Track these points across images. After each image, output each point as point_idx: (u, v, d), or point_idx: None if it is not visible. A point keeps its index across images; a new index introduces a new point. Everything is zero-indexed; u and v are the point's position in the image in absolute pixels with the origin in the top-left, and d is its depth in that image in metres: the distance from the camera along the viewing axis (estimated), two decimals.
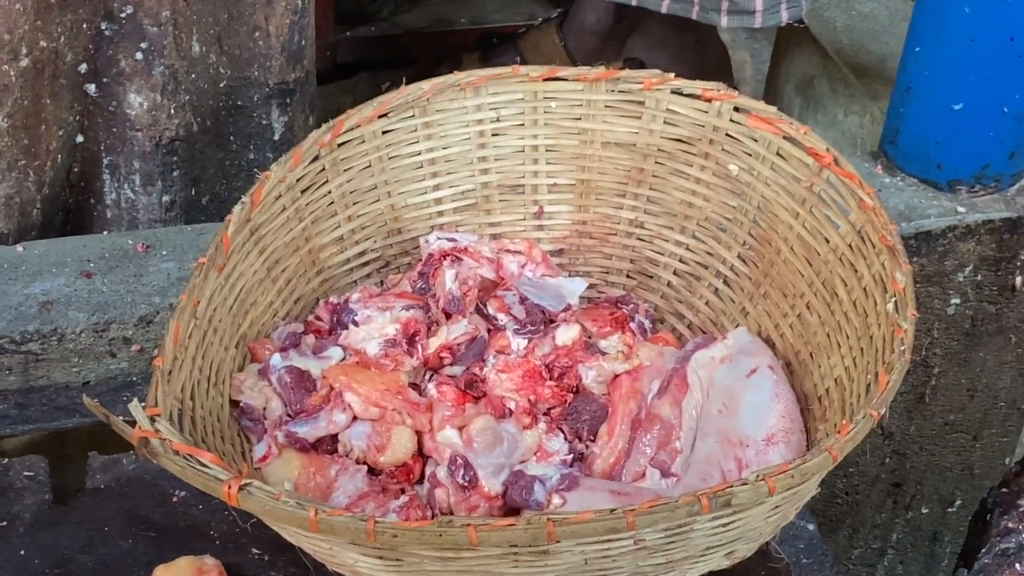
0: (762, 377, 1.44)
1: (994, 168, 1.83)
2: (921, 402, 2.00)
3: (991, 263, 1.87)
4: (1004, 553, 1.33)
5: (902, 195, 1.86)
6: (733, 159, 1.59)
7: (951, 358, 1.95)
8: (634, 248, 1.67)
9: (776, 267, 1.55)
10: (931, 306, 1.89)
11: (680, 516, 1.17)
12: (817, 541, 1.47)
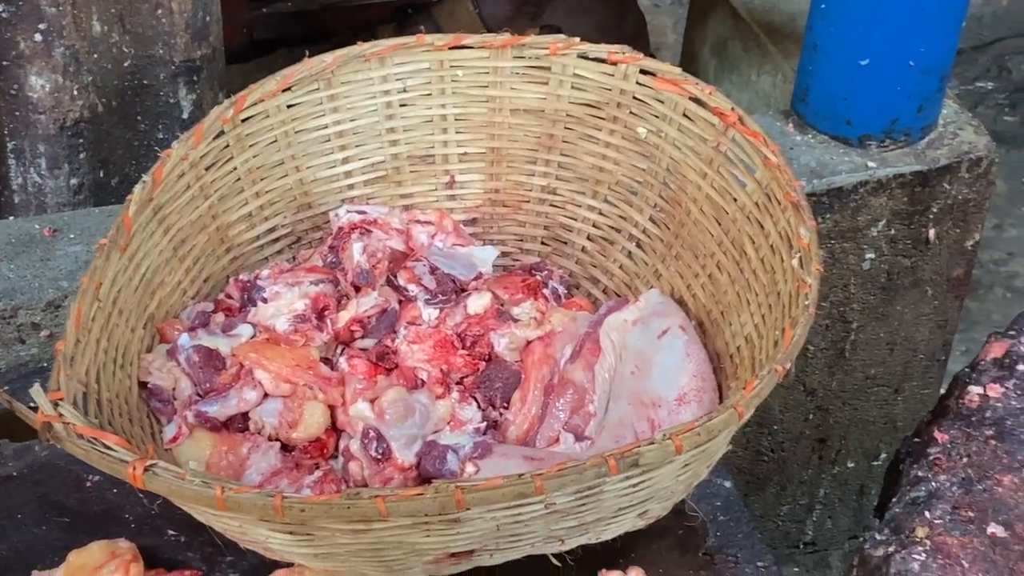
0: (673, 338, 1.44)
1: (903, 122, 1.84)
2: (841, 357, 2.01)
3: (904, 217, 1.88)
4: (914, 502, 1.35)
5: (813, 152, 1.87)
6: (641, 122, 1.59)
7: (869, 313, 1.97)
8: (547, 215, 1.67)
9: (687, 228, 1.56)
10: (846, 262, 1.91)
11: (589, 478, 1.17)
12: (734, 498, 1.47)
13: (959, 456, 1.37)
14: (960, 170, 1.86)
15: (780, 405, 2.04)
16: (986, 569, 1.26)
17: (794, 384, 2.02)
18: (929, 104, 1.84)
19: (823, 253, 1.89)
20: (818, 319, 1.96)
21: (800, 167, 1.84)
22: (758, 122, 1.53)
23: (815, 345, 1.99)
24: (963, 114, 1.93)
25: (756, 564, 1.41)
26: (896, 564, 1.28)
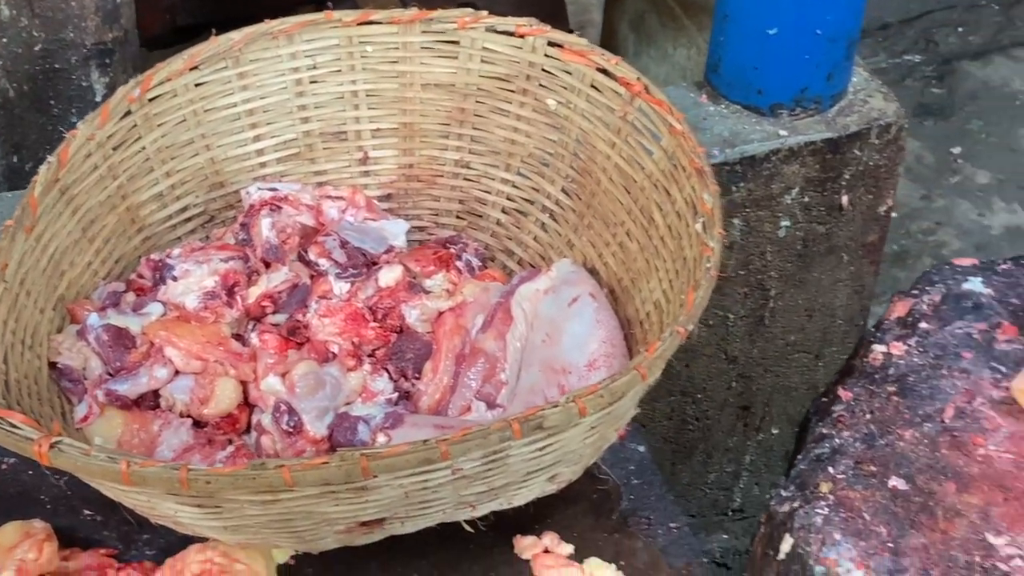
0: (583, 305, 1.46)
1: (813, 90, 1.87)
2: (761, 325, 2.04)
3: (816, 184, 1.91)
4: (819, 458, 1.37)
5: (726, 122, 1.89)
6: (551, 94, 1.61)
7: (786, 280, 2.00)
8: (462, 188, 1.68)
9: (597, 198, 1.57)
10: (762, 230, 1.93)
11: (493, 442, 1.19)
12: (648, 462, 1.49)
13: (862, 413, 1.40)
14: (870, 136, 1.89)
15: (703, 374, 2.07)
16: (887, 521, 1.29)
17: (715, 353, 2.05)
18: (838, 72, 1.87)
19: (739, 222, 1.92)
20: (736, 287, 1.99)
21: (713, 137, 1.86)
22: (668, 93, 1.55)
23: (735, 313, 2.02)
24: (873, 81, 1.96)
25: (668, 525, 1.43)
26: (800, 519, 1.30)
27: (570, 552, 1.40)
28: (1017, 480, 1.32)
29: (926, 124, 3.76)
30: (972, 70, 3.92)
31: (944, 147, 3.68)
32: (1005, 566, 1.25)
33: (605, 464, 1.48)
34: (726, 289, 1.98)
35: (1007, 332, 1.45)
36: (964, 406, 1.38)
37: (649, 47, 2.24)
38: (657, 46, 2.21)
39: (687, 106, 1.90)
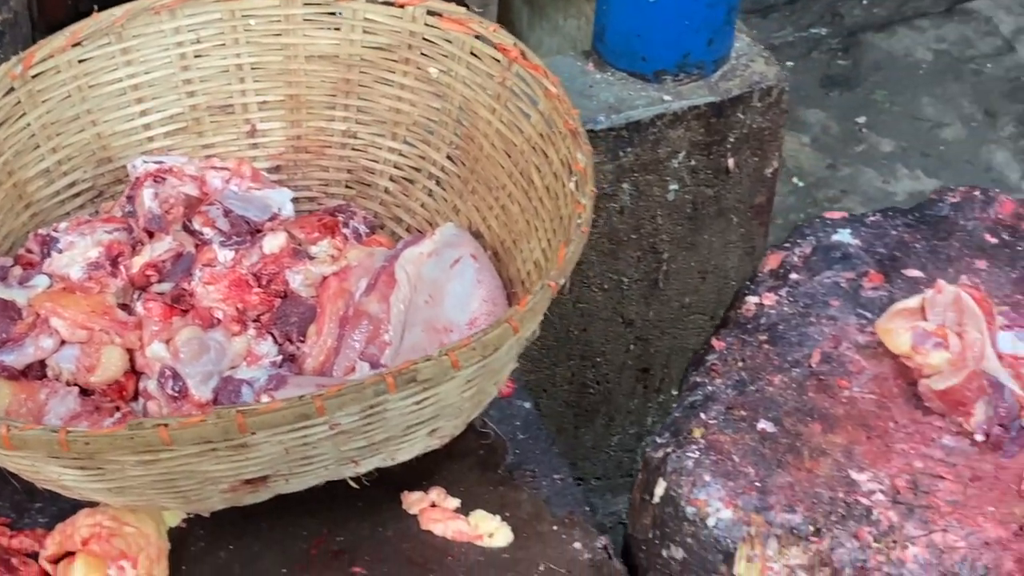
0: (464, 266, 1.50)
1: (695, 56, 1.92)
2: (656, 288, 2.09)
3: (702, 147, 1.96)
4: (692, 405, 1.42)
5: (612, 89, 1.93)
6: (432, 62, 1.64)
7: (678, 243, 2.05)
8: (349, 158, 1.71)
9: (480, 163, 1.61)
10: (651, 194, 1.98)
11: (368, 397, 1.22)
12: (534, 418, 1.53)
13: (735, 361, 1.44)
14: (752, 100, 1.94)
15: (600, 338, 2.11)
16: (755, 462, 1.34)
17: (612, 316, 2.09)
18: (719, 37, 1.92)
19: (628, 186, 1.96)
20: (629, 251, 2.03)
21: (599, 104, 1.90)
22: (555, 63, 1.59)
23: (629, 277, 2.06)
24: (755, 47, 2.01)
25: (552, 477, 1.47)
26: (672, 463, 1.35)
27: (456, 505, 1.44)
28: (879, 419, 1.37)
29: (832, 95, 3.83)
30: (876, 41, 4.00)
31: (849, 117, 3.75)
32: (867, 500, 1.30)
33: (492, 420, 1.52)
34: (619, 253, 2.02)
35: (873, 280, 1.50)
36: (830, 351, 1.43)
37: (542, 20, 2.28)
38: (548, 18, 2.25)
39: (574, 74, 1.94)
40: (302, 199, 1.69)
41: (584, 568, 1.38)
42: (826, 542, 1.27)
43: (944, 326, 1.38)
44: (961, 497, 1.31)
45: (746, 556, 1.29)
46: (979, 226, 1.57)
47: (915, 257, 1.53)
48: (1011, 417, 1.33)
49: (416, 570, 1.39)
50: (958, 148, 3.68)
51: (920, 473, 1.32)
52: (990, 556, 1.26)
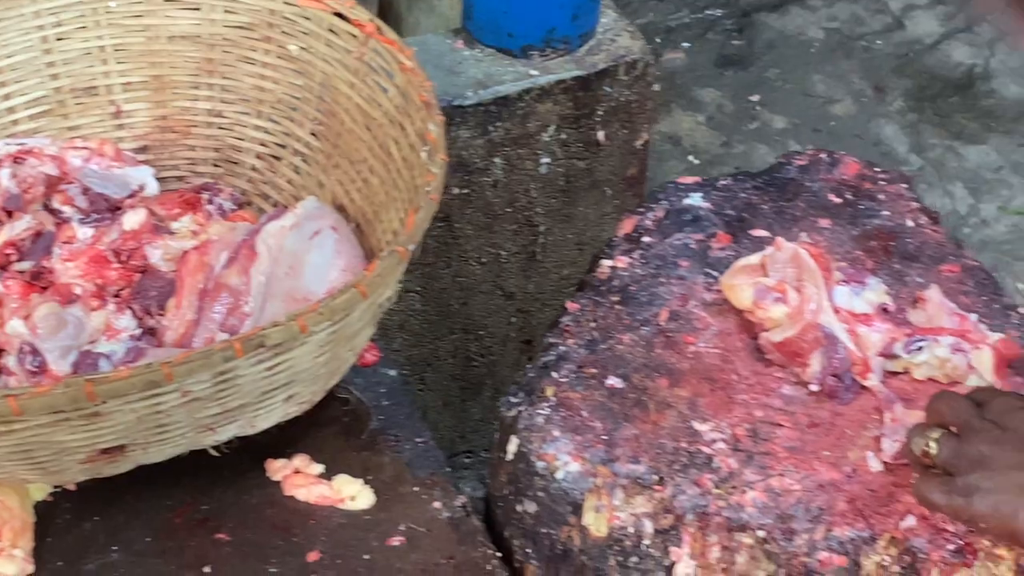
0: (324, 237, 1.53)
1: (560, 31, 1.96)
2: (534, 260, 2.13)
3: (572, 121, 2.00)
4: (545, 366, 1.46)
5: (480, 65, 1.97)
6: (292, 40, 1.66)
7: (553, 215, 2.09)
8: (216, 137, 1.73)
9: (343, 138, 1.64)
10: (523, 167, 2.02)
11: (217, 362, 1.25)
12: (398, 385, 1.57)
13: (587, 321, 1.49)
14: (619, 73, 1.99)
15: (481, 311, 2.15)
16: (603, 417, 1.38)
17: (492, 289, 2.13)
18: (583, 12, 1.96)
19: (500, 160, 2.00)
20: (505, 224, 2.08)
21: (467, 80, 1.94)
22: (426, 41, 1.62)
23: (507, 250, 2.10)
24: (621, 21, 2.06)
25: (415, 441, 1.51)
26: (524, 420, 1.39)
27: (320, 471, 1.47)
28: (723, 372, 1.42)
29: (726, 74, 3.90)
30: (770, 21, 4.07)
31: (743, 95, 3.82)
32: (708, 449, 1.35)
33: (357, 388, 1.56)
34: (495, 227, 2.07)
35: (721, 240, 1.55)
36: (678, 309, 1.48)
37: (419, 1, 2.31)
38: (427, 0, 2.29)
39: (443, 51, 1.98)
40: (170, 179, 1.71)
41: (443, 526, 1.42)
42: (669, 490, 1.32)
43: (784, 282, 1.43)
44: (798, 443, 1.36)
45: (593, 507, 1.34)
46: (824, 187, 1.63)
47: (762, 218, 1.58)
48: (843, 368, 1.38)
49: (279, 534, 1.42)
50: (848, 123, 3.77)
51: (760, 422, 1.38)
52: (824, 497, 1.31)
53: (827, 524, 1.30)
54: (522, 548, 1.41)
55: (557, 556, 1.38)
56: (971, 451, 1.17)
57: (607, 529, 1.34)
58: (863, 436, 1.37)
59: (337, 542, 1.41)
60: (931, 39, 4.03)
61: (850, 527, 1.30)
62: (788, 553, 1.30)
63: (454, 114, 1.91)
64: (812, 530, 1.30)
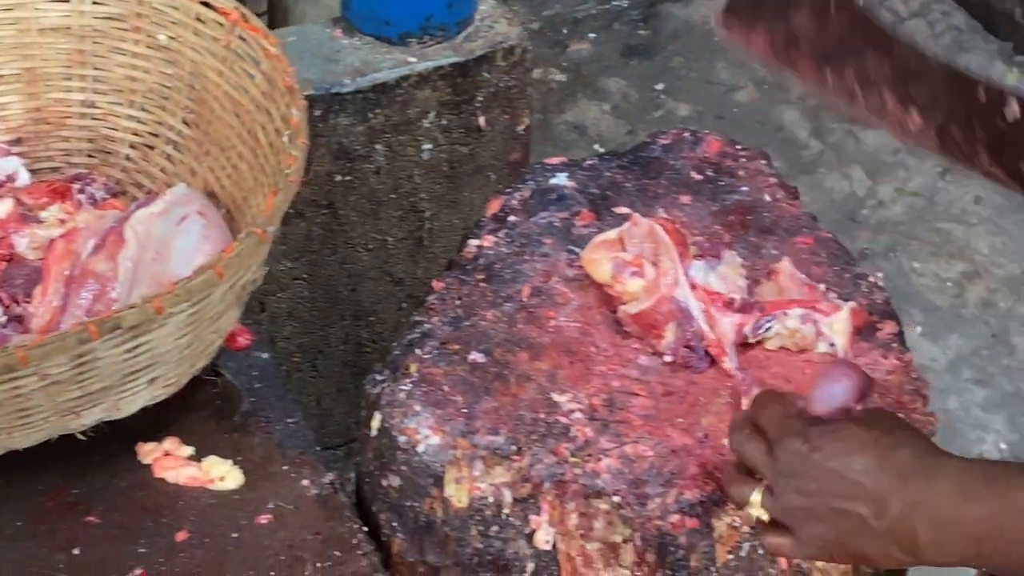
0: (191, 223, 1.55)
1: (437, 19, 1.99)
2: (421, 246, 2.16)
3: (452, 107, 2.03)
4: (410, 343, 1.48)
5: (358, 53, 2.00)
6: (161, 30, 1.68)
7: (438, 201, 2.12)
8: (90, 128, 1.74)
9: (213, 125, 1.66)
10: (406, 154, 2.05)
11: (72, 345, 1.27)
12: (271, 367, 1.59)
13: (452, 299, 1.52)
14: (496, 59, 2.02)
15: (371, 297, 2.18)
16: (464, 391, 1.41)
17: (380, 276, 2.16)
18: (458, 1, 1.99)
19: (381, 147, 2.03)
20: (390, 211, 2.10)
21: (346, 68, 1.97)
22: (305, 31, 1.64)
23: (393, 236, 2.13)
24: (499, 8, 2.09)
25: (286, 421, 1.53)
26: (387, 396, 1.42)
27: (190, 453, 1.49)
28: (582, 345, 1.46)
29: (632, 64, 3.95)
30: (675, 11, 4.13)
31: (648, 84, 3.88)
32: (566, 419, 1.38)
33: (229, 372, 1.58)
34: (381, 213, 2.09)
35: (585, 218, 1.59)
36: (541, 285, 1.51)
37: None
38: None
39: (322, 40, 2.00)
40: (45, 170, 1.72)
41: (311, 503, 1.45)
42: (527, 459, 1.36)
43: (641, 256, 1.47)
44: (653, 411, 1.40)
45: (454, 478, 1.37)
46: (687, 165, 1.67)
47: (625, 196, 1.62)
48: (696, 340, 1.42)
49: (148, 516, 1.43)
50: (751, 109, 3.83)
51: (616, 392, 1.41)
52: (676, 462, 1.35)
53: (679, 488, 1.34)
54: (388, 522, 1.44)
55: (421, 528, 1.41)
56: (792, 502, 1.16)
57: (468, 500, 1.37)
58: (716, 403, 1.41)
59: (206, 521, 1.43)
60: None
61: (700, 490, 1.34)
62: (642, 517, 1.34)
63: (333, 101, 1.94)
64: (664, 494, 1.34)
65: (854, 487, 1.11)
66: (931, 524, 1.08)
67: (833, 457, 1.12)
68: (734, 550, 1.35)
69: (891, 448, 1.11)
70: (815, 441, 1.13)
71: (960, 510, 1.07)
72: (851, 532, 1.12)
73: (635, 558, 1.35)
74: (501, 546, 1.38)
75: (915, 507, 1.09)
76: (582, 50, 4.02)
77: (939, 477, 1.09)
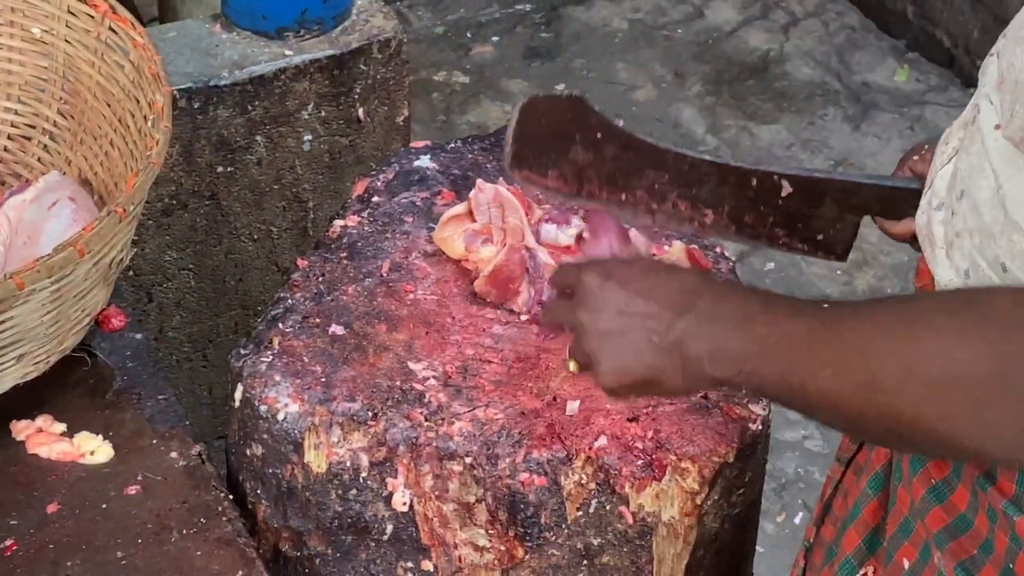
0: (62, 207, 1.60)
1: (313, 13, 2.05)
2: (306, 235, 2.22)
3: (330, 99, 2.09)
4: (274, 318, 1.54)
5: (237, 47, 2.05)
6: (35, 23, 1.73)
7: (321, 191, 2.18)
8: None
9: (87, 115, 1.71)
10: (286, 145, 2.10)
11: None
12: (144, 347, 1.63)
13: (316, 276, 1.57)
14: (372, 52, 2.09)
15: (258, 287, 2.23)
16: (324, 361, 1.47)
17: (267, 266, 2.21)
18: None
19: (262, 139, 2.08)
20: (274, 201, 2.16)
21: (223, 61, 2.02)
22: (185, 27, 1.69)
23: (278, 226, 2.18)
24: (376, 3, 2.15)
25: (157, 398, 1.58)
26: (248, 368, 1.47)
27: (63, 430, 1.53)
28: (438, 316, 1.52)
29: (534, 65, 4.03)
30: (576, 14, 4.22)
31: (550, 85, 3.95)
32: (420, 386, 1.45)
33: (103, 352, 1.62)
34: (264, 204, 2.15)
35: (446, 197, 1.66)
36: (400, 261, 1.58)
37: None
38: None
39: (202, 36, 2.05)
40: None
41: (178, 473, 1.50)
42: (382, 424, 1.42)
43: (490, 225, 1.54)
44: (504, 377, 1.47)
45: (313, 444, 1.43)
46: None
47: (485, 176, 1.68)
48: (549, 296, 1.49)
49: (21, 489, 1.48)
50: (649, 107, 3.92)
51: (471, 359, 1.48)
52: (525, 424, 1.42)
53: (527, 448, 1.41)
54: (253, 490, 1.49)
55: (284, 494, 1.46)
56: (592, 333, 1.21)
57: (327, 465, 1.43)
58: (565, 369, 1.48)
59: (76, 494, 1.47)
60: (729, 27, 4.22)
61: (548, 449, 1.41)
62: (493, 476, 1.40)
63: (212, 94, 1.99)
64: (514, 454, 1.40)
65: (642, 308, 1.16)
66: (709, 338, 1.13)
67: (628, 283, 1.18)
68: (583, 506, 1.42)
69: (679, 273, 1.18)
70: (609, 272, 1.20)
71: (737, 329, 1.11)
72: (637, 352, 1.16)
73: (488, 517, 1.42)
74: (360, 509, 1.44)
75: (699, 323, 1.13)
76: (485, 53, 4.10)
77: (726, 298, 1.14)
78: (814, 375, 1.07)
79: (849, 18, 4.18)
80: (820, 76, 3.95)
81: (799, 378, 1.08)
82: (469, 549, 1.44)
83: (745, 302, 1.13)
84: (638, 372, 1.18)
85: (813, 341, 1.07)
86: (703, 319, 1.13)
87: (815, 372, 1.07)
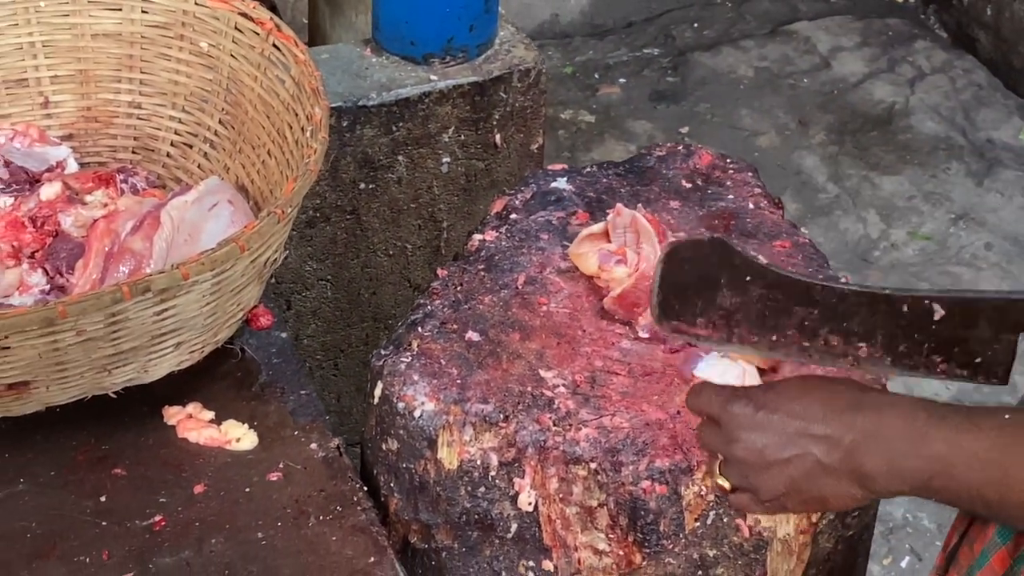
0: (221, 209, 1.70)
1: (458, 41, 2.15)
2: (438, 253, 2.30)
3: (470, 124, 2.18)
4: (413, 323, 1.62)
5: (385, 71, 2.15)
6: (204, 38, 1.85)
7: (455, 212, 2.27)
8: (135, 127, 1.91)
9: (246, 126, 1.82)
10: (425, 166, 2.20)
11: (106, 303, 1.42)
12: (288, 346, 1.73)
13: (454, 286, 1.65)
14: (512, 80, 2.17)
15: (390, 301, 2.32)
16: (459, 364, 1.54)
17: (399, 281, 2.30)
18: (480, 24, 2.15)
19: (403, 159, 2.18)
20: (411, 219, 2.25)
21: (372, 83, 2.12)
22: (339, 50, 1.79)
23: (412, 244, 2.27)
24: (518, 35, 2.24)
25: (299, 392, 1.67)
26: (388, 367, 1.55)
27: (211, 417, 1.63)
28: (569, 329, 1.59)
29: (659, 108, 4.10)
30: (703, 60, 4.29)
31: (674, 127, 4.03)
32: (550, 393, 1.51)
33: (250, 348, 1.72)
34: (401, 221, 2.24)
35: (580, 218, 1.73)
36: (535, 275, 1.65)
37: (340, 17, 2.50)
38: (344, 15, 2.47)
39: (353, 59, 2.16)
40: (92, 164, 1.89)
41: (317, 463, 1.58)
42: (512, 426, 1.49)
43: (624, 246, 1.60)
44: (631, 389, 1.53)
45: (446, 441, 1.50)
46: (679, 174, 1.81)
47: (618, 199, 1.76)
48: None
49: (170, 470, 1.57)
50: (772, 153, 3.97)
51: (599, 371, 1.54)
52: (649, 434, 1.48)
53: (650, 457, 1.46)
54: (387, 483, 1.57)
55: (416, 488, 1.54)
56: (746, 461, 1.25)
57: (458, 462, 1.50)
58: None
59: (221, 477, 1.56)
60: (855, 78, 4.25)
61: (670, 459, 1.46)
62: (616, 482, 1.46)
63: (359, 113, 2.10)
64: (637, 462, 1.46)
65: (802, 431, 1.19)
66: (883, 455, 1.15)
67: (779, 408, 1.21)
68: (701, 517, 1.47)
69: (832, 391, 1.20)
70: (758, 399, 1.24)
71: (913, 444, 1.14)
72: (805, 475, 1.20)
73: (609, 521, 1.48)
74: (487, 506, 1.51)
75: (867, 439, 1.16)
76: (612, 94, 4.18)
77: (889, 412, 1.17)
78: (1011, 489, 1.11)
79: (976, 75, 4.18)
80: (945, 131, 3.96)
81: (997, 492, 1.12)
82: (589, 552, 1.50)
83: (912, 417, 1.15)
84: (800, 500, 1.22)
85: (1004, 456, 1.11)
86: (869, 435, 1.16)
87: (1012, 486, 1.11)
